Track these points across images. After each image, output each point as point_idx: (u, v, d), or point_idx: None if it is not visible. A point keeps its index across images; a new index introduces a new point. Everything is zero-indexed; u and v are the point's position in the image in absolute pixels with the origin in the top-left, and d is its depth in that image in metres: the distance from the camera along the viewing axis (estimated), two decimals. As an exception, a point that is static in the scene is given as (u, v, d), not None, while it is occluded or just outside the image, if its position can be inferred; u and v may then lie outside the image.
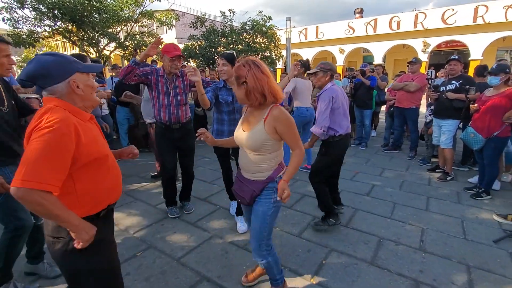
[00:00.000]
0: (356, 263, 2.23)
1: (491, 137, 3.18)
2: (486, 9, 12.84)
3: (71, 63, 1.11)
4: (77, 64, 1.13)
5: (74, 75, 1.10)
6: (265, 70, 1.45)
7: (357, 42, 16.91)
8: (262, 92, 1.42)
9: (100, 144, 1.18)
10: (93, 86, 1.19)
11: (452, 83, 3.79)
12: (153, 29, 11.91)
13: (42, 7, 8.60)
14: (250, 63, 1.43)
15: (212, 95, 2.52)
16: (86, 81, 1.15)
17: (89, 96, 1.18)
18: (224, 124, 2.67)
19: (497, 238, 2.50)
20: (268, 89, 1.42)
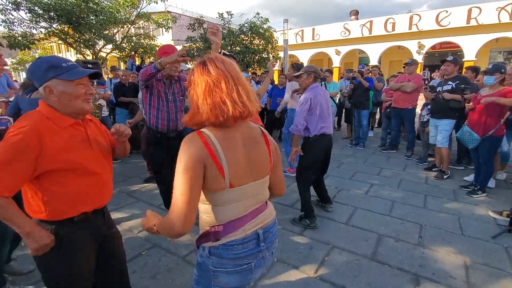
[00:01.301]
0: (358, 259, 2.28)
1: (486, 136, 3.26)
2: (480, 11, 13.09)
3: (49, 69, 1.10)
4: (57, 70, 1.11)
5: (50, 81, 1.11)
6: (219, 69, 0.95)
7: (353, 43, 17.10)
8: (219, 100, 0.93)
9: (74, 152, 1.15)
10: (74, 93, 1.14)
11: (448, 83, 3.87)
12: (150, 31, 11.93)
13: (38, 9, 8.58)
14: (198, 64, 0.99)
15: None
16: (65, 88, 1.12)
17: (67, 103, 1.14)
18: None
19: (495, 234, 2.57)
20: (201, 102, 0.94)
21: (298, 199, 3.39)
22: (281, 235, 2.64)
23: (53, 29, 9.57)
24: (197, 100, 0.95)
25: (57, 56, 1.20)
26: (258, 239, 1.04)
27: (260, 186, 1.06)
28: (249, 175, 1.01)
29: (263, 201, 1.10)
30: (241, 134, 1.01)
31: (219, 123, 0.94)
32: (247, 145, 1.01)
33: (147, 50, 10.95)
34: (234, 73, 0.97)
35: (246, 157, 1.00)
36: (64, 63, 1.14)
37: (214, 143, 0.94)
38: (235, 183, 0.97)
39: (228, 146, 0.96)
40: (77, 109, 1.17)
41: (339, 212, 3.07)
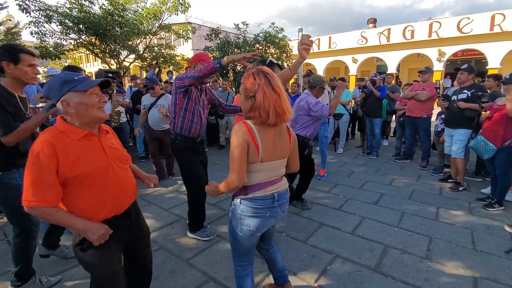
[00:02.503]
0: (360, 270, 2.25)
1: (503, 147, 3.13)
2: (503, 18, 12.59)
3: (64, 84, 1.20)
4: (70, 83, 1.21)
5: (66, 95, 1.20)
6: (277, 86, 1.35)
7: (370, 51, 16.89)
8: (267, 111, 1.33)
9: (86, 162, 1.22)
10: (89, 102, 1.23)
11: (463, 92, 3.77)
12: (171, 41, 12.41)
13: (68, 21, 9.17)
14: (261, 76, 1.35)
15: None
16: (81, 99, 1.21)
17: (84, 113, 1.23)
18: None
19: (508, 248, 2.45)
20: (273, 109, 1.33)
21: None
22: (285, 242, 2.65)
23: (81, 41, 10.19)
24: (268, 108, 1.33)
25: (67, 72, 1.31)
26: (273, 198, 1.49)
27: (281, 164, 1.51)
28: (274, 155, 1.44)
29: (281, 174, 1.55)
30: (274, 129, 1.44)
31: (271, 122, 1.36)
32: (276, 135, 1.45)
33: (167, 60, 11.38)
34: (284, 90, 1.40)
35: (273, 143, 1.43)
36: (75, 76, 1.25)
37: (255, 132, 1.38)
38: (264, 159, 1.41)
39: (263, 135, 1.39)
40: (93, 117, 1.25)
41: (345, 221, 3.04)
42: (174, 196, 3.80)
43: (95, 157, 1.27)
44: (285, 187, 1.58)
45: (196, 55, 2.69)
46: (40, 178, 1.14)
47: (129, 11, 10.05)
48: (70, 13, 9.05)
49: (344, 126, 6.13)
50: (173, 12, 10.16)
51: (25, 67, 1.81)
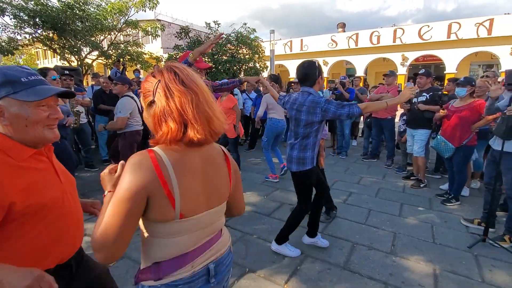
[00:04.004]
0: (330, 268, 2.27)
1: (460, 146, 3.35)
2: (459, 26, 13.68)
3: (3, 84, 0.86)
4: (12, 87, 0.87)
5: (1, 100, 0.86)
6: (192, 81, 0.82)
7: (340, 55, 17.51)
8: (180, 117, 0.79)
9: (37, 191, 0.90)
10: (31, 118, 0.89)
11: (423, 95, 3.99)
12: (138, 38, 11.92)
13: (23, 14, 8.46)
14: (164, 71, 0.83)
15: None
16: (19, 110, 0.87)
17: (22, 129, 0.89)
18: None
19: (471, 243, 2.57)
20: (192, 113, 0.79)
21: (276, 208, 3.38)
22: (256, 244, 2.61)
23: (37, 35, 9.45)
24: (182, 114, 0.78)
25: (19, 67, 0.94)
26: (208, 274, 0.91)
27: (216, 214, 0.94)
28: (205, 204, 0.88)
29: (218, 229, 0.97)
30: (201, 156, 0.87)
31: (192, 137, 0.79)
32: (207, 169, 0.88)
33: (134, 58, 10.90)
34: (204, 85, 0.85)
35: (203, 183, 0.87)
36: (25, 77, 0.89)
37: (167, 168, 0.79)
38: (187, 213, 0.83)
39: (184, 171, 0.83)
40: (34, 137, 0.91)
41: (315, 220, 3.07)
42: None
43: (48, 183, 0.95)
44: (226, 246, 1.00)
45: (183, 56, 2.53)
46: None
47: (91, 5, 9.49)
48: (25, 5, 8.36)
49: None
50: (140, 8, 9.77)
51: None
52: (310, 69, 2.24)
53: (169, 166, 0.80)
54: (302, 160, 2.27)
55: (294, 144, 2.30)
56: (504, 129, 2.48)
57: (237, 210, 1.09)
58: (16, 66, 0.96)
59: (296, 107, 2.25)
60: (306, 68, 2.25)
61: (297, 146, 2.28)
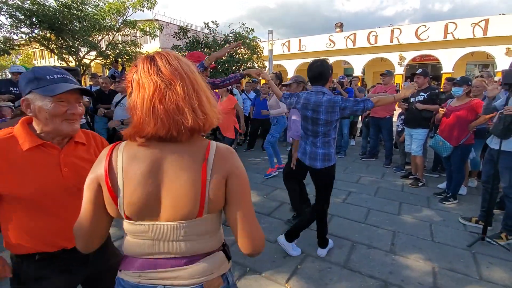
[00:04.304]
0: (330, 267, 2.29)
1: (458, 145, 3.39)
2: (455, 26, 13.77)
3: (31, 81, 0.99)
4: (38, 83, 0.98)
5: (29, 94, 0.99)
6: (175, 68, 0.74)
7: (337, 55, 17.55)
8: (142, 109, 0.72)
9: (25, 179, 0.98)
10: (51, 112, 0.99)
11: (420, 94, 4.03)
12: (136, 38, 11.88)
13: (19, 14, 8.41)
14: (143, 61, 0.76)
15: None
16: (42, 104, 0.98)
17: (44, 121, 1.00)
18: None
19: (470, 242, 2.59)
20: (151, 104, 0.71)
21: (276, 207, 3.40)
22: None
23: (34, 35, 9.40)
24: (142, 107, 0.71)
25: (52, 67, 1.05)
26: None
27: (177, 232, 0.76)
28: (157, 212, 0.76)
29: (182, 253, 0.78)
30: (162, 155, 0.76)
31: (167, 137, 0.73)
32: (167, 171, 0.75)
33: (132, 58, 10.87)
34: (192, 74, 0.76)
35: (158, 188, 0.75)
36: (51, 75, 1.00)
37: (118, 163, 0.75)
38: (132, 216, 0.75)
39: (135, 168, 0.74)
40: (53, 129, 1.01)
41: (315, 220, 3.09)
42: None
43: (44, 174, 1.01)
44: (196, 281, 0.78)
45: (191, 54, 2.52)
46: None
47: (89, 5, 9.45)
48: (21, 5, 8.30)
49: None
50: (138, 8, 9.74)
51: None
52: (323, 68, 2.26)
53: (119, 161, 0.75)
54: (327, 157, 2.30)
55: (316, 141, 2.31)
56: (501, 128, 2.51)
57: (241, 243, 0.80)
58: (50, 66, 1.07)
59: (312, 107, 2.24)
60: (319, 66, 2.26)
61: (320, 143, 2.30)
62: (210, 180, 0.76)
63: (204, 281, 0.78)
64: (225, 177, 0.78)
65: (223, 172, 0.78)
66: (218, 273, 0.81)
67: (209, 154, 0.78)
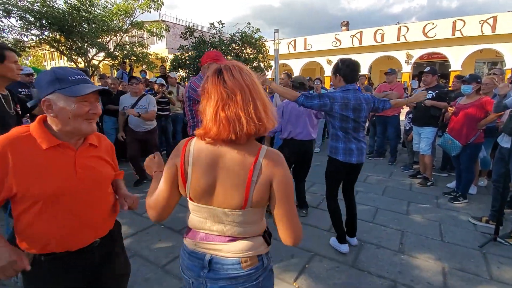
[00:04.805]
0: (338, 266, 2.29)
1: (467, 144, 3.34)
2: (464, 24, 13.54)
3: (54, 81, 0.99)
4: (61, 84, 0.99)
5: (51, 95, 0.99)
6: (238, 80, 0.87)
7: (344, 53, 17.37)
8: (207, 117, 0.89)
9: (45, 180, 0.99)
10: (75, 112, 1.01)
11: (429, 92, 3.98)
12: (143, 39, 12.00)
13: (29, 16, 8.58)
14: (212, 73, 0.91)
15: None
16: (66, 105, 1.00)
17: (66, 121, 1.01)
18: None
19: (481, 243, 2.55)
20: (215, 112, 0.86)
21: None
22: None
23: (44, 37, 9.57)
24: (208, 114, 0.87)
25: (69, 68, 1.08)
26: (202, 262, 0.96)
27: (223, 217, 0.93)
28: (211, 199, 0.93)
29: (224, 233, 0.95)
30: (218, 152, 0.91)
31: (229, 140, 0.86)
32: (219, 167, 0.90)
33: (140, 58, 10.99)
34: (252, 83, 0.88)
35: (214, 180, 0.91)
36: (72, 76, 1.02)
37: (190, 155, 0.92)
38: (194, 198, 0.95)
39: (201, 162, 0.91)
40: (74, 128, 1.04)
41: (322, 219, 3.09)
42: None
43: (60, 176, 1.02)
44: (235, 255, 0.94)
45: (209, 54, 2.54)
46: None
47: (97, 7, 9.58)
48: (31, 7, 8.47)
49: (321, 126, 6.27)
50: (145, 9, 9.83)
51: (11, 64, 1.82)
52: (356, 66, 2.33)
53: (191, 154, 0.93)
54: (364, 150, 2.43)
55: (358, 136, 2.35)
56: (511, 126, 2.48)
57: (283, 235, 0.95)
58: (67, 67, 1.10)
59: (353, 106, 2.24)
60: (352, 65, 2.30)
61: (362, 137, 2.39)
62: (255, 181, 0.89)
63: (241, 256, 0.94)
64: (270, 179, 0.90)
65: (269, 175, 0.90)
66: (255, 253, 0.96)
67: (258, 157, 0.90)
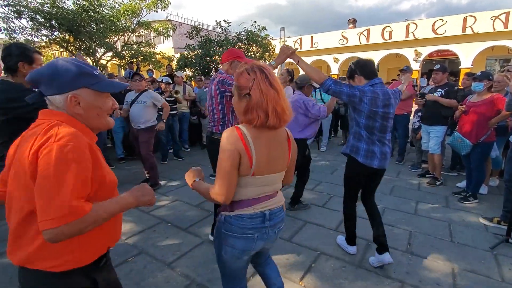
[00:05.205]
0: (344, 266, 2.27)
1: (478, 143, 3.27)
2: (475, 20, 13.23)
3: (81, 75, 0.94)
4: (90, 78, 0.96)
5: (78, 90, 0.94)
6: (275, 81, 1.16)
7: (350, 51, 17.24)
8: (266, 110, 1.13)
9: (109, 170, 1.03)
10: (103, 107, 1.01)
11: (438, 90, 3.91)
12: (150, 38, 12.09)
13: (40, 17, 8.72)
14: (256, 71, 1.16)
15: None
16: (95, 100, 0.98)
17: (93, 118, 0.99)
18: None
19: (493, 244, 2.50)
20: (273, 108, 1.13)
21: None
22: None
23: (54, 37, 9.73)
24: (264, 107, 1.13)
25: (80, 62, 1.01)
26: (264, 217, 1.27)
27: (276, 178, 1.29)
28: (269, 168, 1.23)
29: (275, 190, 1.33)
30: (271, 135, 1.22)
31: (270, 124, 1.15)
32: (272, 145, 1.22)
33: (147, 58, 11.08)
34: (280, 84, 1.20)
35: (269, 154, 1.21)
36: (95, 71, 0.99)
37: (249, 140, 1.16)
38: (257, 172, 1.20)
39: (258, 143, 1.18)
40: (101, 124, 1.03)
41: (329, 218, 3.06)
42: (155, 198, 3.68)
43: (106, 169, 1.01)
44: (280, 204, 1.35)
45: (231, 51, 2.51)
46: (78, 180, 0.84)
47: (105, 7, 9.69)
48: (41, 8, 8.61)
49: (327, 124, 6.21)
50: (152, 9, 9.90)
51: (38, 66, 1.92)
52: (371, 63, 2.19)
53: (250, 139, 1.16)
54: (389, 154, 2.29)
55: (383, 138, 2.16)
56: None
57: (286, 180, 1.40)
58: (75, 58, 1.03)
59: (382, 101, 2.04)
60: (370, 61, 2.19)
61: (387, 140, 2.20)
62: (289, 150, 1.31)
63: (282, 204, 1.37)
64: (293, 148, 1.32)
65: (294, 147, 1.33)
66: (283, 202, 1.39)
67: (288, 135, 1.31)
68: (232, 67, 2.39)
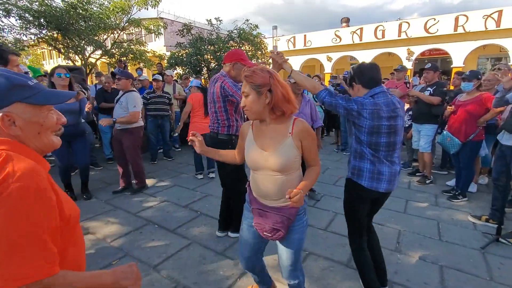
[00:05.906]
0: (333, 266, 2.24)
1: (467, 141, 3.28)
2: (466, 19, 13.37)
3: (12, 89, 0.76)
4: (24, 91, 0.78)
5: (10, 106, 0.76)
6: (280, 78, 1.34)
7: (344, 50, 17.29)
8: (289, 99, 1.30)
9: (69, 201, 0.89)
10: (45, 124, 0.83)
11: (427, 89, 3.91)
12: (141, 36, 11.91)
13: (28, 15, 8.52)
14: (265, 69, 1.31)
15: None
16: (33, 116, 0.80)
17: (33, 137, 0.81)
18: None
19: (483, 244, 2.49)
20: (281, 100, 1.29)
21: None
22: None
23: (42, 36, 9.52)
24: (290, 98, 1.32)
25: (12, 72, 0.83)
26: None
27: None
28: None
29: None
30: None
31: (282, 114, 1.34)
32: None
33: (137, 56, 10.90)
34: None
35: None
36: (29, 81, 0.82)
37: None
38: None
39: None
40: (43, 144, 0.84)
41: (319, 218, 3.04)
42: (142, 199, 3.60)
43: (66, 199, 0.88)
44: None
45: (234, 53, 2.45)
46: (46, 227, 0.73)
47: (94, 4, 9.50)
48: (30, 6, 8.41)
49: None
50: (142, 7, 9.74)
51: (14, 67, 1.93)
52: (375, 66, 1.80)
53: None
54: None
55: (392, 156, 1.76)
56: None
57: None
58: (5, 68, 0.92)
59: (387, 113, 1.66)
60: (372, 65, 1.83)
61: (396, 157, 1.80)
62: None
63: None
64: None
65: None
66: None
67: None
68: (235, 68, 2.36)
